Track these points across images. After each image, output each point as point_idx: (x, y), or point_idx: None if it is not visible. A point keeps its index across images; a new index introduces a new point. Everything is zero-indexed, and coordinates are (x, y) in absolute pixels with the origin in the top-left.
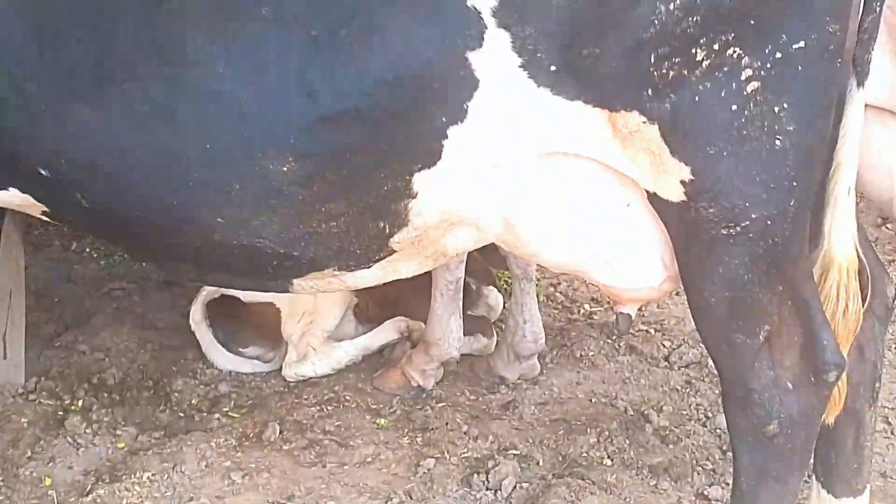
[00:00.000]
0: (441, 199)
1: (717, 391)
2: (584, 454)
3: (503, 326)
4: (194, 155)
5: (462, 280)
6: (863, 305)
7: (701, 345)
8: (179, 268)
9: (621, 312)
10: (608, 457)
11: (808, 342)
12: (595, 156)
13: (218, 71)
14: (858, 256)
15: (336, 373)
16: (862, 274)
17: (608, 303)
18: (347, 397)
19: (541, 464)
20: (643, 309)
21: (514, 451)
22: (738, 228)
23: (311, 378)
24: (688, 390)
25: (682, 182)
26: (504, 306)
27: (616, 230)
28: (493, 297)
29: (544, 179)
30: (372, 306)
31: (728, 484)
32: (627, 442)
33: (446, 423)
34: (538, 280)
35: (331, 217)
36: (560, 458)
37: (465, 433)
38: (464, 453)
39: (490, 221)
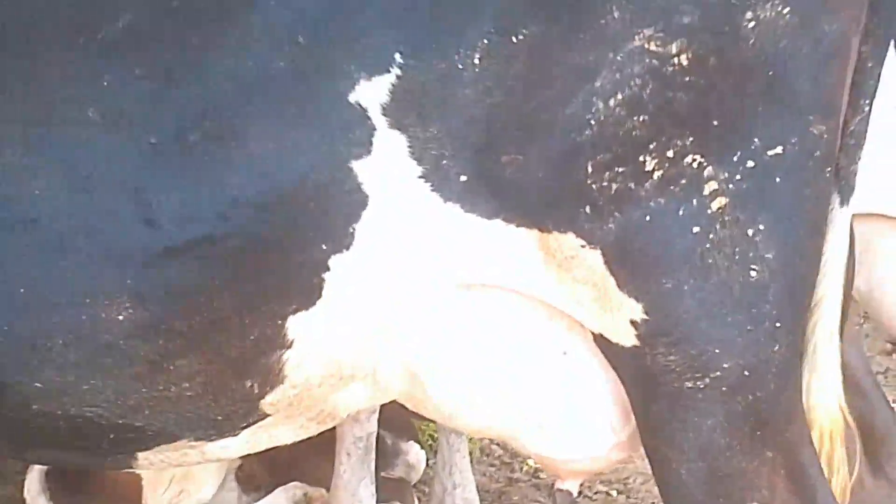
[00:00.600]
0: (324, 348)
1: None
2: None
3: (426, 491)
4: (2, 302)
5: (374, 435)
6: (850, 478)
7: None
8: None
9: (559, 489)
10: None
11: None
12: (522, 288)
13: (31, 191)
14: (845, 418)
15: None
16: (851, 441)
17: None
18: None
19: None
20: None
21: None
22: (708, 380)
23: None
24: None
25: (634, 322)
26: (427, 465)
27: (550, 385)
28: (414, 453)
29: (456, 320)
30: (259, 469)
31: None
32: None
33: None
34: None
35: (182, 377)
36: None
37: None
38: None
39: (390, 374)
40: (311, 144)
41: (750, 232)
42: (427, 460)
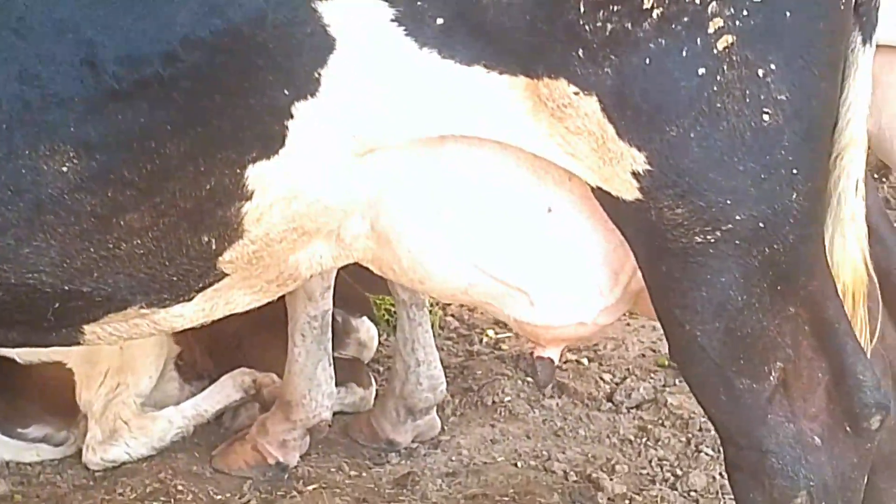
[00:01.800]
0: (286, 201)
1: (682, 437)
2: None
3: (381, 371)
4: None
5: (329, 314)
6: (871, 339)
7: (654, 376)
8: None
9: (540, 357)
10: None
11: (839, 379)
12: (506, 139)
13: None
14: (869, 275)
15: (160, 453)
16: (872, 298)
17: None
18: (180, 487)
19: None
20: None
21: None
22: (719, 234)
23: (124, 463)
24: (644, 440)
25: (636, 174)
26: (381, 342)
27: (533, 245)
28: (365, 331)
29: (428, 173)
30: (201, 356)
31: None
32: None
33: None
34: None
35: (133, 233)
36: None
37: None
38: None
39: (356, 232)
40: None
41: (760, 72)
42: (382, 337)
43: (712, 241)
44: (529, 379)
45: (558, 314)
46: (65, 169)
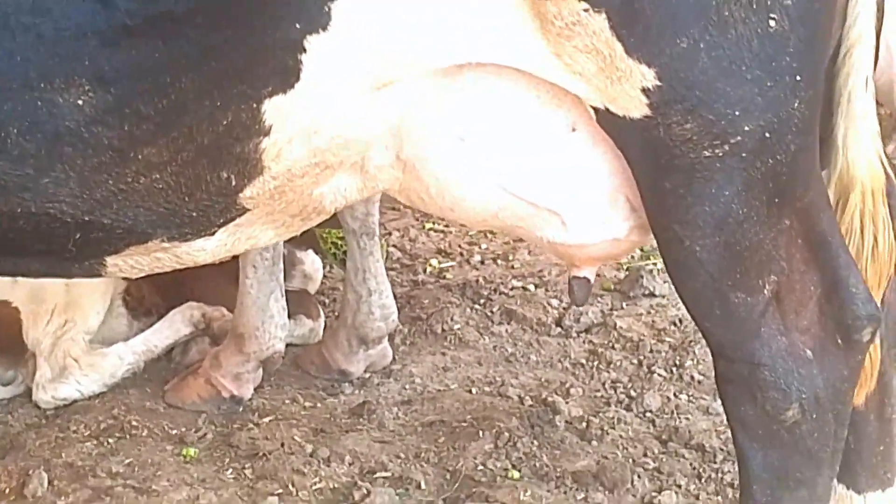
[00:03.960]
0: (306, 135)
1: (633, 359)
2: (481, 466)
3: (328, 302)
4: None
5: (281, 245)
6: None
7: (601, 300)
8: None
9: (576, 277)
10: (513, 466)
11: (831, 292)
12: (517, 64)
13: None
14: (886, 172)
15: (112, 390)
16: (892, 195)
17: (462, 254)
18: (134, 423)
19: (423, 486)
20: (510, 258)
21: (384, 474)
22: (727, 147)
23: (76, 401)
24: (596, 363)
25: (645, 90)
26: (326, 274)
27: (559, 165)
28: (310, 261)
29: (450, 100)
30: (149, 290)
31: (681, 487)
32: (535, 443)
33: (282, 445)
34: None
35: (151, 167)
36: (448, 476)
37: (310, 455)
38: (316, 484)
39: (380, 162)
40: None
41: None
42: (326, 269)
43: (720, 154)
44: (477, 306)
45: (591, 232)
46: (80, 102)
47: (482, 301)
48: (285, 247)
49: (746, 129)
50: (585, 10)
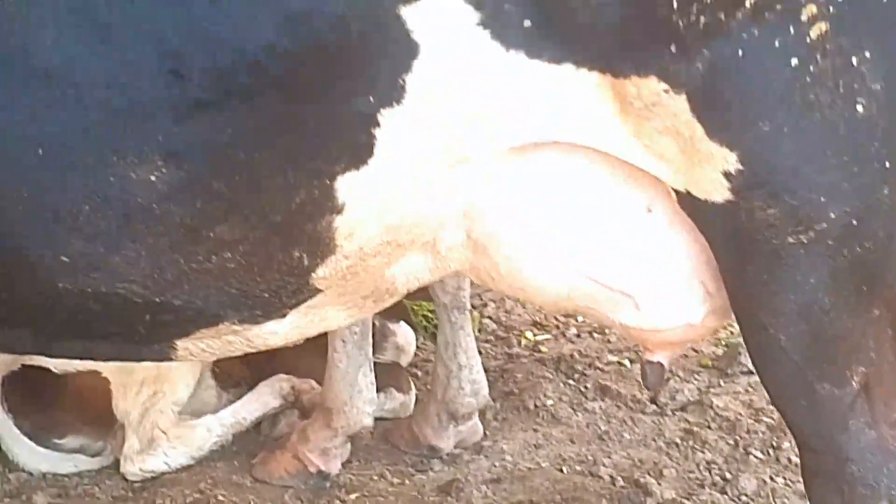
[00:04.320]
0: (379, 213)
1: (729, 439)
2: None
3: (420, 375)
4: (19, 164)
5: (371, 318)
6: None
7: (698, 377)
8: (8, 337)
9: (650, 362)
10: None
11: None
12: (595, 144)
13: (44, 41)
14: None
15: (199, 463)
16: None
17: (558, 326)
18: (221, 497)
19: None
20: (607, 332)
21: None
22: (812, 234)
23: (163, 474)
24: (691, 443)
25: (727, 174)
26: (418, 347)
27: (635, 246)
28: (402, 334)
29: (524, 180)
30: (238, 362)
31: None
32: None
33: None
34: None
35: (223, 246)
36: None
37: None
38: None
39: (452, 242)
40: None
41: (854, 60)
42: (418, 342)
43: (805, 241)
44: (571, 381)
45: (665, 317)
46: (153, 178)
47: (576, 376)
48: (377, 319)
49: (832, 215)
50: (665, 91)
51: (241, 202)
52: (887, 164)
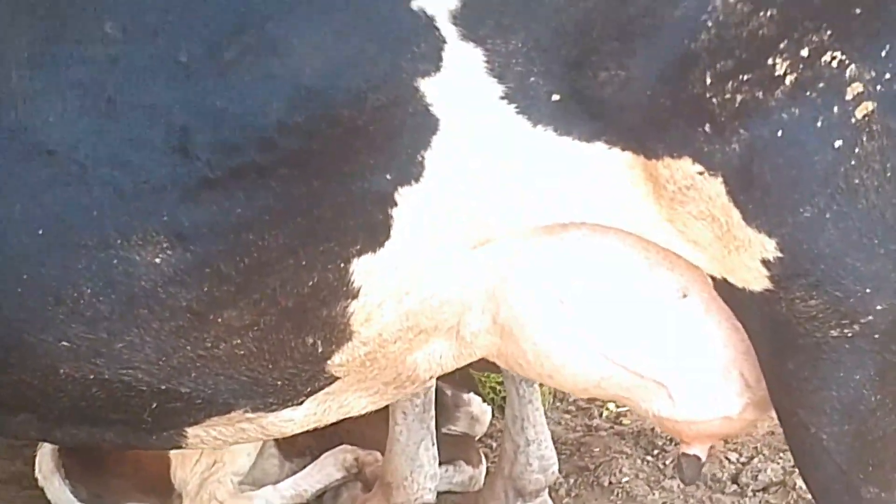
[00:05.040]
0: (397, 296)
1: None
2: None
3: (493, 446)
4: (19, 245)
5: (433, 390)
6: None
7: (783, 456)
8: (11, 423)
9: (685, 454)
10: None
11: None
12: (627, 226)
13: (45, 117)
14: None
15: None
16: None
17: None
18: None
19: None
20: None
21: None
22: (857, 327)
23: None
24: None
25: (765, 262)
26: (492, 421)
27: (668, 333)
28: (477, 405)
29: (551, 261)
30: (301, 433)
31: None
32: None
33: None
34: None
35: (232, 332)
36: None
37: None
38: None
39: (477, 328)
40: (367, 59)
41: None
42: (491, 414)
43: (849, 335)
44: (650, 457)
45: (701, 408)
46: (158, 260)
47: (656, 452)
48: (449, 388)
49: (879, 308)
50: (700, 174)
51: (251, 286)
52: None
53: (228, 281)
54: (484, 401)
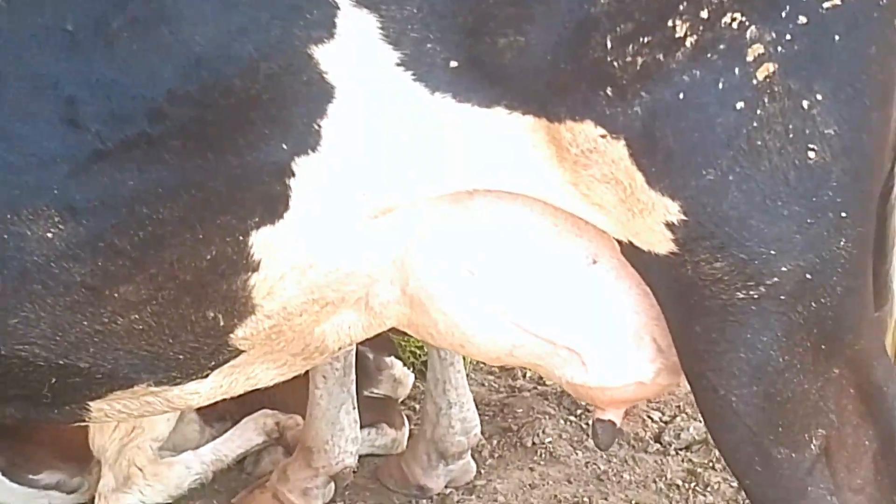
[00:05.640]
0: (299, 270)
1: (733, 481)
2: None
3: (416, 411)
4: None
5: (353, 354)
6: None
7: None
8: None
9: (600, 419)
10: None
11: (888, 448)
12: (531, 191)
13: None
14: None
15: (177, 501)
16: None
17: None
18: None
19: None
20: None
21: None
22: (763, 289)
23: None
24: (693, 484)
25: (669, 225)
26: (415, 383)
27: (579, 300)
28: (399, 367)
29: (457, 230)
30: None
31: None
32: None
33: None
34: None
35: (129, 307)
36: None
37: None
38: None
39: (385, 298)
40: (259, 27)
41: (805, 104)
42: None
43: (755, 296)
44: (573, 417)
45: (614, 374)
46: (49, 234)
47: (579, 412)
48: (371, 352)
49: (784, 269)
50: (603, 137)
51: (147, 260)
52: (843, 214)
53: (123, 255)
54: (405, 364)
